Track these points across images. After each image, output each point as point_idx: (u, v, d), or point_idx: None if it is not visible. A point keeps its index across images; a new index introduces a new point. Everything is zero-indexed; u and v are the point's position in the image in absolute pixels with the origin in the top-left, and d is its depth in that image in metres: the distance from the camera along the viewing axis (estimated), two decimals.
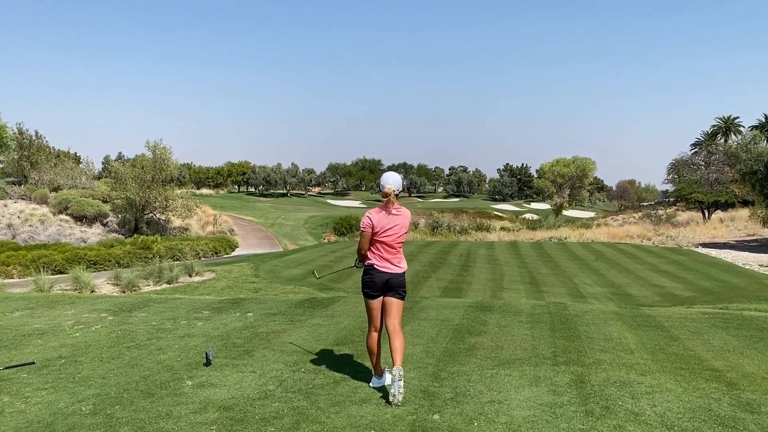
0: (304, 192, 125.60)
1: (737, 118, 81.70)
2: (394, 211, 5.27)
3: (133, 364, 6.12)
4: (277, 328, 7.86)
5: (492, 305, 9.71)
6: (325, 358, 6.27)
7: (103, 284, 16.73)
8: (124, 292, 15.67)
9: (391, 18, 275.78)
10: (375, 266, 5.32)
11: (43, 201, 36.77)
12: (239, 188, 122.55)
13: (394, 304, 5.34)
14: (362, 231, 5.32)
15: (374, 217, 5.29)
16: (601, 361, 6.14)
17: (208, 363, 6.04)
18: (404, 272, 5.39)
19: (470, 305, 9.63)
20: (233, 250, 36.07)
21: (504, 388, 5.28)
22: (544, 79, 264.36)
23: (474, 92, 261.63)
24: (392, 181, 5.26)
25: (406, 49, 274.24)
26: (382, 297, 5.34)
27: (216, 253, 33.55)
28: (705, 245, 33.02)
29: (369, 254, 5.35)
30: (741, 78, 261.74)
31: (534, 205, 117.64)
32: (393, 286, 5.31)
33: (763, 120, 75.24)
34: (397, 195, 5.26)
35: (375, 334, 5.40)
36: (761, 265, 23.00)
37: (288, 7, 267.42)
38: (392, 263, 5.32)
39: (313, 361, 6.15)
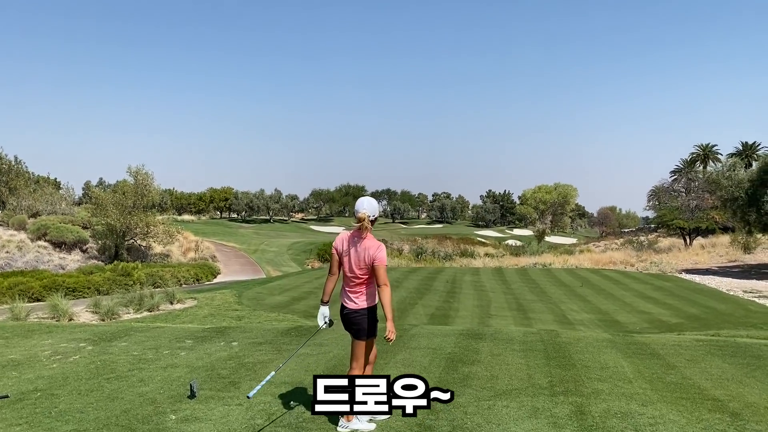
0: (287, 218, 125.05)
1: (715, 145, 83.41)
2: (358, 240, 4.88)
3: (114, 397, 5.84)
4: (264, 358, 7.60)
5: (483, 333, 9.52)
6: (311, 391, 6.01)
7: (82, 312, 16.28)
8: (103, 320, 15.24)
9: (374, 44, 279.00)
10: (340, 300, 5.06)
11: (21, 227, 36.07)
12: (221, 214, 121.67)
13: (353, 344, 5.00)
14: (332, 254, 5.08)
15: (339, 239, 5.02)
16: (599, 391, 5.96)
17: (192, 395, 5.78)
18: (362, 309, 4.90)
19: (461, 333, 9.43)
20: (215, 277, 35.56)
21: (503, 420, 5.08)
22: (525, 107, 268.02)
23: (456, 119, 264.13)
24: (367, 205, 4.90)
25: (389, 76, 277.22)
26: None
27: (198, 280, 33.05)
28: (688, 271, 33.18)
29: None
30: (718, 107, 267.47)
31: (517, 231, 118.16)
32: (350, 322, 4.96)
33: (740, 148, 76.77)
34: (372, 221, 4.90)
35: (349, 371, 5.07)
36: (745, 291, 23.08)
37: (270, 33, 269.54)
38: (347, 296, 4.98)
39: (302, 394, 5.91)
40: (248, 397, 4.99)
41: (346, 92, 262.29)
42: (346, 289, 5.02)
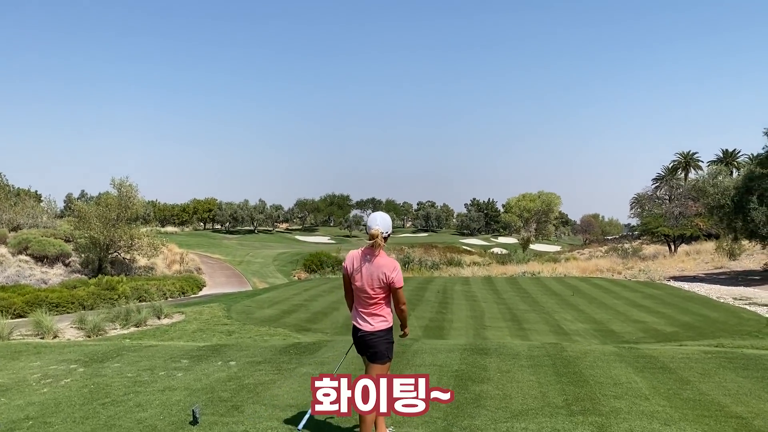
0: (271, 228, 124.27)
1: (696, 153, 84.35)
2: (370, 258, 4.61)
3: (111, 425, 5.53)
4: (265, 378, 7.31)
5: (488, 348, 9.30)
6: (325, 415, 5.75)
7: (67, 328, 15.84)
8: (89, 337, 14.81)
9: (358, 51, 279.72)
10: (353, 320, 4.82)
11: (1, 241, 35.32)
12: (205, 225, 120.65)
13: (369, 367, 4.72)
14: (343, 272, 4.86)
15: (350, 257, 4.75)
16: (618, 410, 5.76)
17: (195, 421, 5.48)
18: (378, 331, 4.63)
19: (465, 348, 9.20)
20: (201, 290, 35.05)
21: None
22: (509, 116, 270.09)
23: (440, 127, 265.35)
24: (380, 221, 4.63)
25: (374, 83, 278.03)
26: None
27: (183, 293, 32.52)
28: (676, 278, 33.28)
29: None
30: (699, 114, 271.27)
31: (501, 240, 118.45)
32: (366, 345, 4.69)
33: (721, 155, 77.70)
34: (386, 238, 4.65)
35: None
36: (735, 299, 23.12)
37: (251, 41, 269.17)
38: (362, 317, 4.71)
39: (311, 418, 5.62)
40: (298, 429, 5.03)
41: (330, 100, 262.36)
42: (360, 309, 4.75)
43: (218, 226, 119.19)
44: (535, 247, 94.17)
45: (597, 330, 16.77)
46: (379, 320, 4.68)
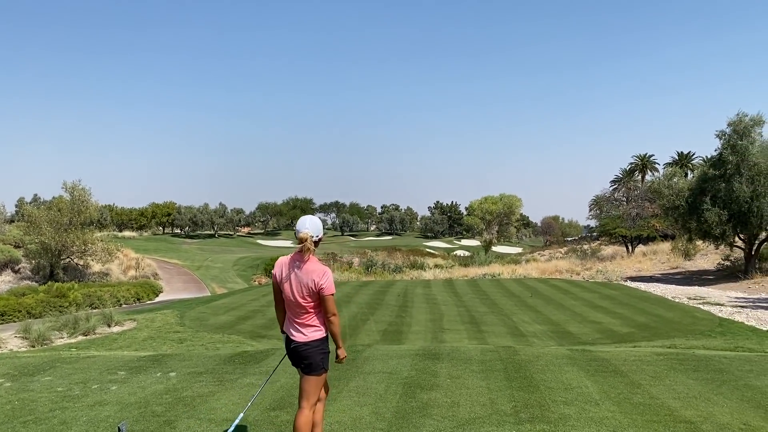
0: (232, 233, 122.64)
1: (652, 155, 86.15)
2: (300, 265, 4.33)
3: None
4: (204, 390, 6.95)
5: (440, 352, 9.10)
6: (261, 428, 5.45)
7: (10, 338, 15.13)
8: (33, 347, 14.17)
9: (318, 56, 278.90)
10: (285, 330, 4.53)
11: None
12: (164, 230, 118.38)
13: (303, 380, 4.41)
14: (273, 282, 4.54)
15: (278, 265, 4.46)
16: (567, 417, 5.60)
17: None
18: (312, 342, 4.35)
19: (417, 353, 8.97)
20: (157, 296, 34.19)
21: None
22: (469, 118, 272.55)
23: (400, 131, 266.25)
24: (309, 225, 4.36)
25: (333, 86, 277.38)
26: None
27: (139, 299, 31.68)
28: (633, 279, 33.75)
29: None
30: (655, 119, 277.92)
31: (464, 242, 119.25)
32: (300, 356, 4.39)
33: (677, 157, 79.56)
34: (316, 243, 4.40)
35: (299, 411, 4.40)
36: (689, 298, 23.47)
37: (212, 43, 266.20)
38: (294, 327, 4.41)
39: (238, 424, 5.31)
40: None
41: (292, 103, 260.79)
42: (293, 319, 4.45)
43: (178, 231, 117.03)
44: (498, 249, 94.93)
45: (554, 331, 16.76)
46: (312, 330, 4.40)
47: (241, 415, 5.00)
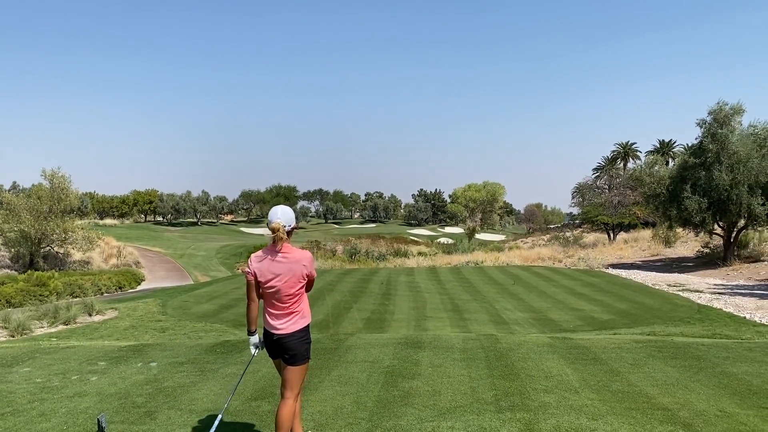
0: (215, 220, 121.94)
1: (634, 143, 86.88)
2: (279, 256, 4.33)
3: None
4: (185, 380, 6.92)
5: (422, 341, 9.13)
6: (242, 418, 5.44)
7: None
8: (13, 336, 14.02)
9: (305, 44, 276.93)
10: (264, 324, 4.50)
11: None
12: (146, 218, 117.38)
13: (287, 370, 4.41)
14: (246, 280, 4.44)
15: (254, 259, 4.40)
16: (547, 405, 5.65)
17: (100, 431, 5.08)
18: (297, 332, 4.37)
19: (399, 342, 9.00)
20: (139, 284, 33.95)
21: None
22: (454, 106, 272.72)
23: (384, 117, 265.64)
24: (281, 214, 4.35)
25: (318, 73, 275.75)
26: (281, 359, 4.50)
27: (120, 288, 31.44)
28: (614, 266, 34.08)
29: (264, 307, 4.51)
30: (637, 106, 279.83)
31: (448, 230, 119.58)
32: (283, 348, 4.39)
33: (658, 145, 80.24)
34: (289, 232, 4.40)
35: (282, 402, 4.41)
36: (669, 285, 23.75)
37: (194, 29, 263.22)
38: (277, 319, 4.39)
39: (227, 423, 5.30)
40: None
41: (276, 90, 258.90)
42: (274, 312, 4.42)
43: (160, 219, 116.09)
44: (481, 236, 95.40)
45: (536, 319, 16.90)
46: (296, 318, 4.42)
47: (222, 411, 4.99)
